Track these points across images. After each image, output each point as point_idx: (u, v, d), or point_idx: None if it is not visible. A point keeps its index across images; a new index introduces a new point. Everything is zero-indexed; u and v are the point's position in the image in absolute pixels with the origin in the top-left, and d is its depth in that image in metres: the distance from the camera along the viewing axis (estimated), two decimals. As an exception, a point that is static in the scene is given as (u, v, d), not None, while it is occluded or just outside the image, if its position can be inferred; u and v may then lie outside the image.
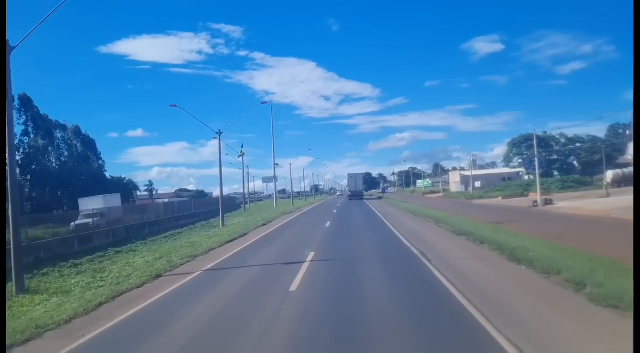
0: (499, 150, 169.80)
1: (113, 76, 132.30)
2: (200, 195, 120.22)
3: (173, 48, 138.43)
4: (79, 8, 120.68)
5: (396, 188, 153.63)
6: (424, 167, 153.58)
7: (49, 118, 49.88)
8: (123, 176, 70.45)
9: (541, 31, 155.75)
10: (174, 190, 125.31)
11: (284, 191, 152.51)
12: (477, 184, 62.44)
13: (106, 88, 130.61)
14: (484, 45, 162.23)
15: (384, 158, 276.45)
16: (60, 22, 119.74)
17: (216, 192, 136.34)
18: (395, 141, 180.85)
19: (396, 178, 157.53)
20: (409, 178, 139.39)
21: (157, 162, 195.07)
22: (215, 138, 29.33)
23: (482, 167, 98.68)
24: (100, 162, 57.45)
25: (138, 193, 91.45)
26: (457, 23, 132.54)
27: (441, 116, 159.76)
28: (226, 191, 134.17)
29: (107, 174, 60.84)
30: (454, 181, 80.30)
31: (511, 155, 78.59)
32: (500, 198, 44.57)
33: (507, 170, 79.47)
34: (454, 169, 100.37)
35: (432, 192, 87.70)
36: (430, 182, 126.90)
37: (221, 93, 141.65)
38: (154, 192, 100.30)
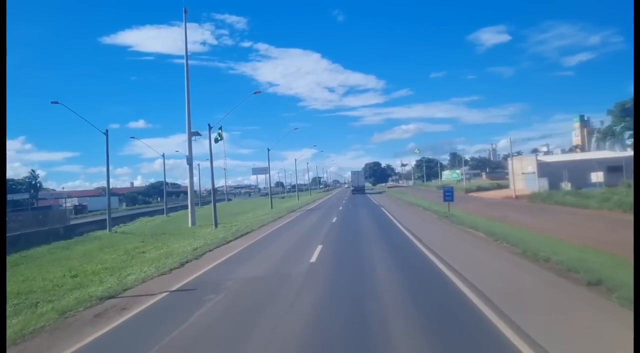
0: (508, 137, 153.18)
1: (116, 67, 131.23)
2: (153, 191, 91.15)
3: (176, 39, 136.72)
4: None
5: (412, 182, 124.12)
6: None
7: None
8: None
9: (548, 22, 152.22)
10: (151, 182, 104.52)
11: (281, 184, 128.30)
12: (597, 178, 33.18)
13: (109, 79, 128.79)
14: (491, 36, 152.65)
15: (388, 150, 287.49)
16: (63, 11, 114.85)
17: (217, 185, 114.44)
18: (400, 133, 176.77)
19: (413, 168, 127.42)
20: (430, 168, 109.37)
21: (160, 154, 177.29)
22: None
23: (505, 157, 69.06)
24: None
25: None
26: (464, 13, 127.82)
27: (446, 108, 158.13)
28: (222, 184, 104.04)
29: None
30: (522, 172, 50.50)
31: (617, 129, 48.34)
32: None
33: (607, 154, 49.58)
34: (518, 152, 70.05)
35: (479, 189, 57.84)
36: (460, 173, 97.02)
37: (224, 85, 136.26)
38: (41, 189, 69.15)
